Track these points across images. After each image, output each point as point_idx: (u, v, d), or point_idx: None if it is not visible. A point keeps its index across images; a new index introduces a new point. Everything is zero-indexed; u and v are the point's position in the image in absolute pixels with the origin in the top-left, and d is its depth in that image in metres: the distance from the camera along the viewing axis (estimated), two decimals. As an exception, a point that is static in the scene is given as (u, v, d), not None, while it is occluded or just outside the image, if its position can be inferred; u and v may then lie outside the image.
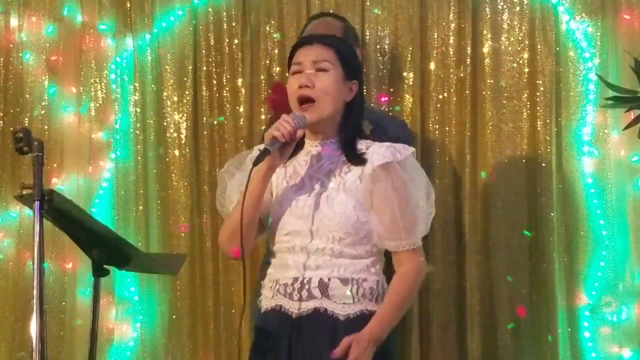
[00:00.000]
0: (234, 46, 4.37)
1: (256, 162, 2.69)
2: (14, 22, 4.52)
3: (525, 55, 4.09)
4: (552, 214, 4.01)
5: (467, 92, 4.12)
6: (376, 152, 2.78)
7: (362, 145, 2.83)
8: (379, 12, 4.20)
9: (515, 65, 4.11)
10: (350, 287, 2.73)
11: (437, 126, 4.14)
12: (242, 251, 2.70)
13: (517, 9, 4.11)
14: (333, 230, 2.73)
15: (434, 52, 4.17)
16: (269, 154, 2.70)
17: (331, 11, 4.13)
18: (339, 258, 2.74)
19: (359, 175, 2.77)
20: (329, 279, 2.73)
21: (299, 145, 2.87)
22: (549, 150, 4.03)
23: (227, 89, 4.37)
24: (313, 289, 2.74)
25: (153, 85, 4.42)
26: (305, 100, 2.79)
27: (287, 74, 4.30)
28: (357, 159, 2.79)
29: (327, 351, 2.65)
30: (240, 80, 4.35)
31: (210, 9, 4.39)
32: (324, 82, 2.79)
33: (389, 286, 2.77)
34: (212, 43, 4.38)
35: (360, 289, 2.74)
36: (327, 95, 2.78)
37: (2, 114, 4.50)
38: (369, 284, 2.75)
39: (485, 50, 4.13)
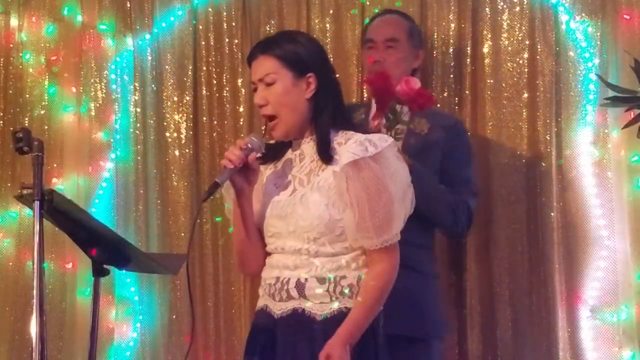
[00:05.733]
0: (234, 46, 4.37)
1: (205, 197, 2.76)
2: (14, 22, 4.52)
3: (525, 55, 4.09)
4: (552, 214, 4.01)
5: (467, 92, 4.12)
6: (347, 149, 2.73)
7: (342, 138, 2.79)
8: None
9: (515, 65, 4.11)
10: (327, 285, 2.73)
11: (437, 126, 4.13)
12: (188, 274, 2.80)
13: (517, 9, 4.11)
14: (307, 230, 2.74)
15: (434, 52, 4.17)
16: (219, 187, 2.75)
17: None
18: (316, 257, 2.74)
19: (332, 172, 2.75)
20: (306, 279, 2.74)
21: (288, 145, 2.88)
22: (549, 150, 4.03)
23: (227, 89, 4.37)
24: (291, 290, 2.76)
25: (153, 85, 4.42)
26: (269, 119, 2.82)
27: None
28: (327, 157, 2.76)
29: (306, 352, 2.70)
30: (240, 80, 4.35)
31: (210, 9, 4.39)
32: (274, 97, 2.79)
33: (361, 287, 2.74)
34: (212, 43, 4.38)
35: (338, 286, 2.73)
36: (283, 107, 2.79)
37: (2, 114, 4.50)
38: (347, 281, 2.74)
39: (485, 50, 4.13)
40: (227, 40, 4.37)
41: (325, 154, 2.77)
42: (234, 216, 2.88)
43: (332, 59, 3.52)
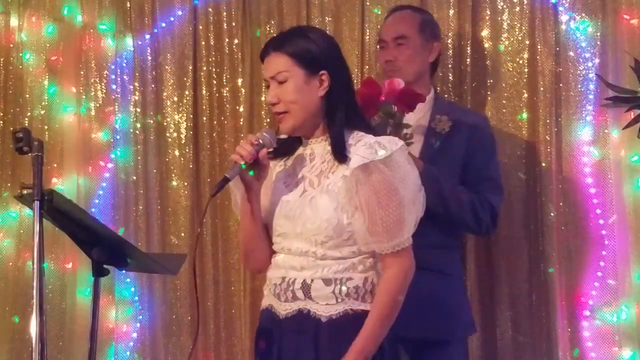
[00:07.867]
0: (234, 46, 4.37)
1: (214, 193, 2.71)
2: (14, 22, 4.53)
3: (525, 55, 4.09)
4: (552, 214, 4.00)
5: (467, 92, 4.12)
6: (356, 152, 2.70)
7: (353, 139, 2.75)
8: (379, 12, 4.19)
9: (515, 65, 4.11)
10: (333, 287, 2.71)
11: (437, 126, 4.13)
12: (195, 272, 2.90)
13: (517, 9, 4.10)
14: (315, 233, 2.71)
15: (434, 52, 4.16)
16: (229, 181, 2.71)
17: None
18: (323, 260, 2.72)
19: (342, 175, 2.72)
20: (312, 280, 2.72)
21: (299, 142, 2.85)
22: (549, 150, 4.03)
23: (227, 89, 4.37)
24: (296, 290, 2.74)
25: (153, 85, 4.42)
26: (279, 114, 2.79)
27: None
28: (342, 157, 2.73)
29: (310, 353, 2.68)
30: (240, 80, 4.35)
31: (210, 9, 4.39)
32: (285, 95, 2.74)
33: (375, 295, 2.72)
34: (212, 43, 4.38)
35: (344, 287, 2.71)
36: (294, 104, 2.74)
37: (2, 114, 4.51)
38: (353, 283, 2.72)
39: (486, 50, 4.13)
40: (227, 40, 4.37)
41: (341, 154, 2.73)
42: (242, 212, 2.84)
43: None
